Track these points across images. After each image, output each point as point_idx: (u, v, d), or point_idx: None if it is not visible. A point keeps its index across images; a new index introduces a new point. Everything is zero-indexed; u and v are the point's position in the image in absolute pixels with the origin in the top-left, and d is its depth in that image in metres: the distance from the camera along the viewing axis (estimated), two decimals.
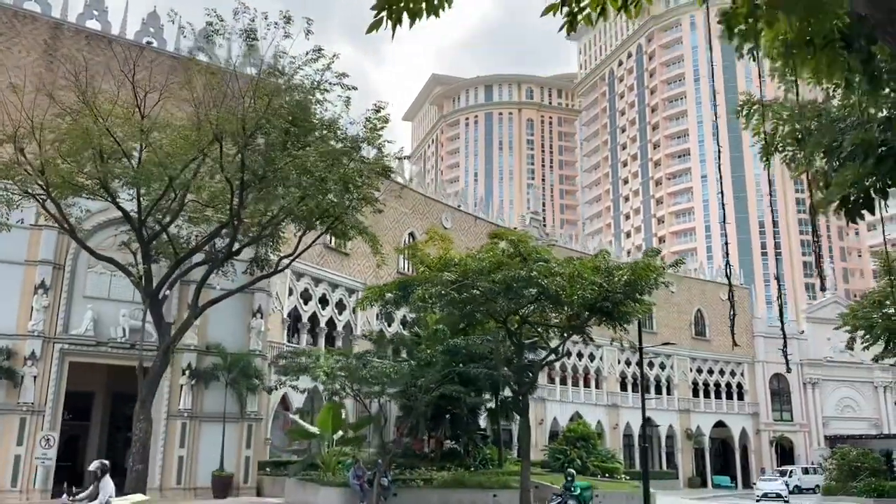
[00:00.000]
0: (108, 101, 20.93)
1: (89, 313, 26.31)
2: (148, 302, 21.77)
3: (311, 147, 21.23)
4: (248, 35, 19.08)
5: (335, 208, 22.18)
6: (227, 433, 27.49)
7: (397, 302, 26.72)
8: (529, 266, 23.54)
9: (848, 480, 41.82)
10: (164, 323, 22.13)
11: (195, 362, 27.68)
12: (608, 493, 31.52)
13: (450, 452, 34.52)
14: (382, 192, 41.38)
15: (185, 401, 27.28)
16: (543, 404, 51.97)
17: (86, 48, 27.45)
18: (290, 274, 34.13)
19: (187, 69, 20.32)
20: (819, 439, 63.53)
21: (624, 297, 24.87)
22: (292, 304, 34.74)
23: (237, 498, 27.00)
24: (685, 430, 59.82)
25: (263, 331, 29.65)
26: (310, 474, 26.53)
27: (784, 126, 14.19)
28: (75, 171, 20.74)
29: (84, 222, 25.89)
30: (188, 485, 26.81)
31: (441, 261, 26.71)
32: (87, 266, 26.33)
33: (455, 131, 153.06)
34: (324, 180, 19.94)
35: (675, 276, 64.19)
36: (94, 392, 30.62)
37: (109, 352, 26.52)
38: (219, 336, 28.39)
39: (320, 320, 36.51)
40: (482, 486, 27.83)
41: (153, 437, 26.79)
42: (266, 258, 24.65)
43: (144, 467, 19.99)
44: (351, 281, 38.09)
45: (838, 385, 65.79)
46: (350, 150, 22.21)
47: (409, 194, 45.64)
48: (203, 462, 27.14)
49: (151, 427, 20.48)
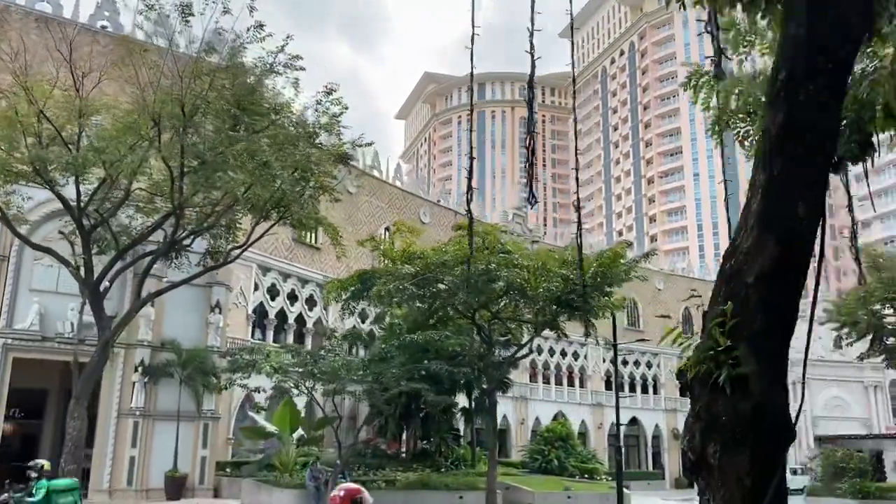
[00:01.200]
0: (48, 83, 19.98)
1: (35, 307, 25.31)
2: (87, 294, 20.77)
3: (261, 133, 20.28)
4: (183, 10, 18.06)
5: (286, 196, 21.19)
6: (181, 432, 26.49)
7: (358, 296, 25.76)
8: (488, 258, 22.56)
9: (833, 481, 40.88)
10: (104, 316, 21.08)
11: (149, 358, 26.66)
12: (580, 494, 30.56)
13: (421, 453, 33.61)
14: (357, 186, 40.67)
15: (137, 398, 26.27)
16: (526, 403, 51.07)
17: (35, 31, 26.43)
18: (255, 268, 33.14)
19: (123, 48, 19.28)
20: (808, 439, 62.54)
21: (591, 289, 23.92)
22: (258, 299, 33.73)
23: (191, 500, 25.99)
24: (672, 430, 58.85)
25: (222, 326, 28.63)
26: (267, 475, 25.55)
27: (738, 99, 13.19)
28: (9, 158, 19.75)
29: (30, 212, 24.93)
30: (140, 486, 25.80)
31: (404, 254, 25.75)
32: (34, 258, 25.31)
33: (447, 130, 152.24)
34: (267, 164, 18.91)
35: (662, 274, 63.45)
36: (48, 389, 29.56)
37: (56, 347, 25.48)
38: (175, 332, 27.40)
39: (289, 316, 35.51)
40: (448, 487, 26.89)
41: (103, 437, 25.92)
42: (219, 250, 23.67)
43: (78, 467, 18.96)
44: (322, 276, 37.05)
45: (828, 384, 64.81)
46: (301, 136, 21.21)
47: (387, 188, 44.75)
48: (156, 462, 26.14)
49: (86, 425, 19.49)
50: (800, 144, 3.08)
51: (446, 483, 27.03)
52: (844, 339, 37.68)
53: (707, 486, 3.02)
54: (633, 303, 57.66)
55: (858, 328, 36.97)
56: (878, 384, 64.91)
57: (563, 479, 35.03)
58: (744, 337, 3.05)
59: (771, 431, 3.03)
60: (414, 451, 34.10)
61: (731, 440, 2.97)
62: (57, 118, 19.75)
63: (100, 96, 20.57)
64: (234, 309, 31.57)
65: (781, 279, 3.07)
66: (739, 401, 3.00)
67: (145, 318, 26.55)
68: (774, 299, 3.07)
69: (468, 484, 27.67)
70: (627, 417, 54.86)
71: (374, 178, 43.92)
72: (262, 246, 32.26)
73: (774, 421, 3.07)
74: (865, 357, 39.24)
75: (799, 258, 3.10)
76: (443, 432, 33.25)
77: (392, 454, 34.05)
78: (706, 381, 3.06)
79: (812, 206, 3.09)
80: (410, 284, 23.51)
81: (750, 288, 3.08)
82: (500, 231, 29.58)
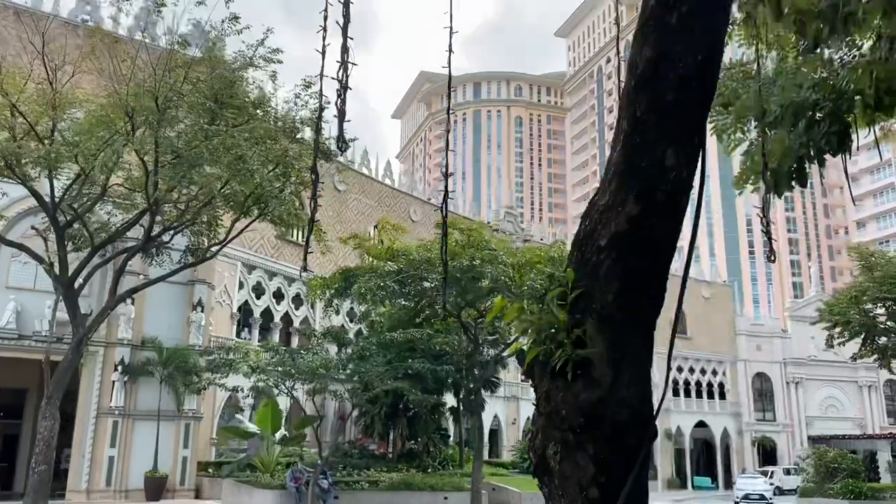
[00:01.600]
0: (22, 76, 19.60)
1: (12, 304, 24.90)
2: (61, 291, 20.38)
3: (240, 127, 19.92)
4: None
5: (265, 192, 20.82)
6: (162, 432, 26.08)
7: (341, 294, 25.38)
8: (471, 255, 22.21)
9: (825, 482, 40.50)
10: (79, 314, 20.68)
11: (129, 357, 26.24)
12: None
13: (408, 453, 33.22)
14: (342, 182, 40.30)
15: (116, 397, 25.85)
16: (517, 403, 50.67)
17: (13, 24, 26.02)
18: (240, 266, 32.75)
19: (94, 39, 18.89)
20: (803, 439, 62.23)
21: None
22: (243, 297, 33.31)
23: (171, 500, 25.59)
24: (664, 431, 58.46)
25: (204, 325, 28.21)
26: (247, 476, 25.15)
27: None
28: None
29: (7, 209, 24.56)
30: (119, 487, 25.38)
31: (388, 251, 25.39)
32: (11, 255, 24.88)
33: (443, 129, 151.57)
34: (242, 158, 18.53)
35: None
36: (27, 389, 29.14)
37: (33, 346, 25.05)
38: (156, 330, 26.99)
39: (275, 315, 35.09)
40: (433, 487, 26.50)
41: (81, 437, 25.53)
42: (200, 247, 23.30)
43: (48, 468, 18.57)
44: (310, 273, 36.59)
45: (822, 384, 64.55)
46: (281, 130, 20.84)
47: (377, 186, 44.39)
48: (136, 463, 25.72)
49: (58, 425, 19.04)
50: (670, 79, 2.51)
51: (431, 484, 26.64)
52: (836, 339, 37.31)
53: (549, 496, 2.45)
54: None
55: (850, 328, 36.66)
56: (872, 384, 64.63)
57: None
58: (592, 311, 2.49)
59: (621, 430, 2.36)
60: (401, 451, 33.71)
61: (573, 439, 2.35)
62: (31, 112, 19.38)
63: (77, 90, 20.19)
64: (218, 307, 31.16)
65: (642, 242, 2.48)
66: (582, 390, 2.39)
67: (125, 316, 26.16)
68: (631, 267, 2.48)
69: (453, 484, 27.29)
70: None
71: (363, 175, 43.56)
72: (247, 243, 31.89)
73: (626, 417, 2.39)
74: (858, 357, 38.90)
75: (665, 217, 2.52)
76: (430, 432, 32.87)
77: (380, 454, 33.68)
78: (546, 365, 2.49)
79: (684, 155, 2.50)
80: (393, 282, 23.14)
81: (602, 252, 2.51)
82: (486, 229, 29.21)
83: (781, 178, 10.19)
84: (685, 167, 2.43)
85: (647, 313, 2.56)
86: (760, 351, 63.97)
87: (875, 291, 35.19)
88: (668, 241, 2.52)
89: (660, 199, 2.47)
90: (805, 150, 10.63)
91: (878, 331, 36.28)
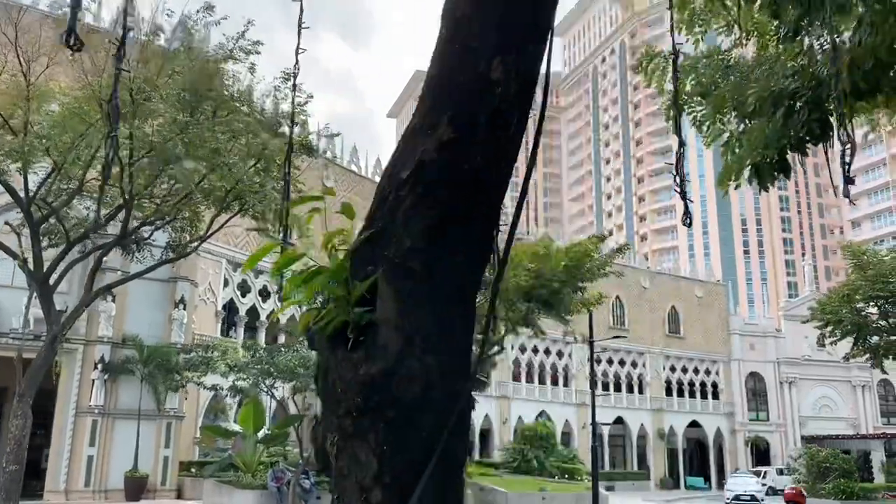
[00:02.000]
0: None
1: None
2: (35, 287, 19.99)
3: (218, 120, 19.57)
4: None
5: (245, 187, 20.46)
6: (143, 431, 25.68)
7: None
8: None
9: (817, 482, 40.24)
10: (54, 311, 20.26)
11: (109, 355, 25.85)
12: (556, 495, 29.88)
13: None
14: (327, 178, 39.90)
15: (96, 396, 25.46)
16: (508, 402, 50.35)
17: None
18: (224, 263, 32.36)
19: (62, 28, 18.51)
20: (796, 439, 61.98)
21: (561, 284, 23.22)
22: (228, 295, 32.92)
23: (152, 501, 25.21)
24: (657, 430, 58.20)
25: (187, 323, 27.82)
26: (229, 475, 24.77)
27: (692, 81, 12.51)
28: None
29: None
30: (98, 486, 24.99)
31: None
32: None
33: None
34: (217, 152, 18.17)
35: (648, 273, 62.78)
36: (7, 387, 28.66)
37: (10, 344, 24.63)
38: (137, 328, 26.60)
39: (261, 314, 34.71)
40: None
41: (59, 436, 25.11)
42: (181, 242, 22.92)
43: (20, 468, 18.16)
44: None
45: (816, 384, 64.32)
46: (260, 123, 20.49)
47: (367, 184, 44.03)
48: (115, 462, 25.34)
49: (30, 424, 18.63)
50: None
51: None
52: (828, 338, 37.05)
53: (335, 496, 1.87)
54: (619, 301, 56.97)
55: (842, 327, 36.38)
56: (866, 384, 64.43)
57: (541, 480, 34.34)
58: (385, 260, 1.97)
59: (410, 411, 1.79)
60: None
61: (351, 426, 1.80)
62: (5, 105, 19.01)
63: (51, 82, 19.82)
64: (202, 305, 30.78)
65: (455, 175, 1.94)
66: (363, 361, 1.83)
67: (106, 313, 25.78)
68: (440, 206, 1.93)
69: None
70: (613, 417, 54.20)
71: (352, 172, 43.24)
72: (233, 241, 31.52)
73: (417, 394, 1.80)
74: (850, 357, 38.63)
75: (487, 144, 1.98)
76: None
77: None
78: (324, 330, 1.96)
79: (517, 68, 1.98)
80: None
81: (404, 186, 1.96)
82: None
83: (764, 169, 9.74)
84: (516, 81, 1.95)
85: (461, 268, 1.96)
86: (754, 350, 63.68)
87: (867, 290, 34.93)
88: (491, 176, 1.99)
89: (481, 122, 1.94)
90: (786, 140, 10.21)
91: (870, 330, 36.00)
